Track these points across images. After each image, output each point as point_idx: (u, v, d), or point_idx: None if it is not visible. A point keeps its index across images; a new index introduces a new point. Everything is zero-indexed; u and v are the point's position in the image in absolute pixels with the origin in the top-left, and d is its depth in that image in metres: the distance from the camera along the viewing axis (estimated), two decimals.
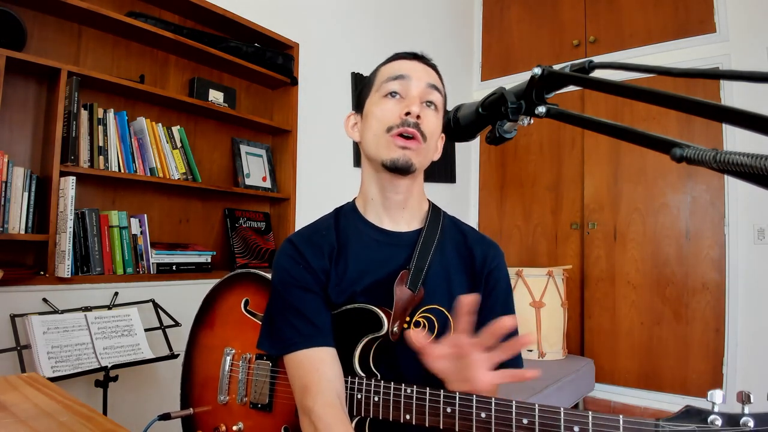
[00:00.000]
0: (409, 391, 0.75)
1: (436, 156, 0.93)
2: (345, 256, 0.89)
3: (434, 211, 0.94)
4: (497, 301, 0.91)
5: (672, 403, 2.84)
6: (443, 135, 0.91)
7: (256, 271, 1.04)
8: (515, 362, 0.91)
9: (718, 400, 0.55)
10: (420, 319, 0.85)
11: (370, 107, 0.89)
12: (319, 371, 0.79)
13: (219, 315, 1.08)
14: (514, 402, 0.67)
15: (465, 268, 0.90)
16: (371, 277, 0.86)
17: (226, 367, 1.02)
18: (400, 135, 0.83)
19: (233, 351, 1.02)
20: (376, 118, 0.87)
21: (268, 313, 0.89)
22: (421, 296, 0.84)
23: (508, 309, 0.93)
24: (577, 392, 2.72)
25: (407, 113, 0.83)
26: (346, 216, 0.94)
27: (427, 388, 0.74)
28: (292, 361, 0.82)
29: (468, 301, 0.69)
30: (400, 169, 0.83)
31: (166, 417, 1.02)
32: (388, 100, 0.86)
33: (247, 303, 1.03)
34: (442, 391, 0.72)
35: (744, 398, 0.53)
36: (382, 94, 0.87)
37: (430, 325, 0.85)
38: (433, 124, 0.86)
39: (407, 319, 0.85)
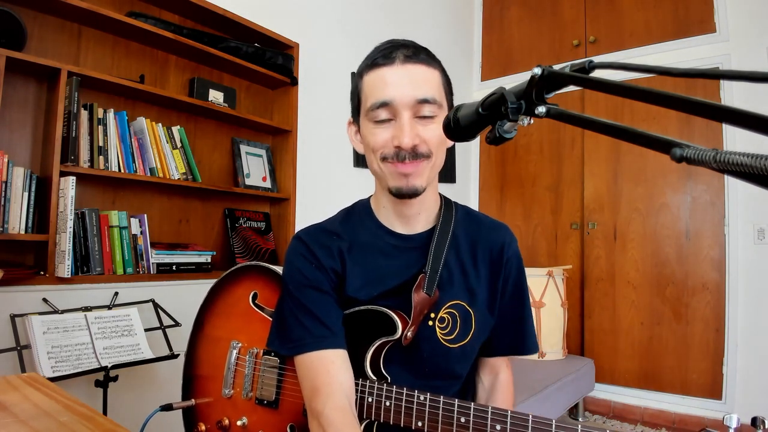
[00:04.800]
0: (422, 398, 0.74)
1: (450, 142, 0.87)
2: (359, 261, 0.87)
3: (446, 207, 0.92)
4: (516, 291, 0.92)
5: (672, 403, 2.84)
6: None
7: (266, 264, 1.03)
8: (521, 348, 0.92)
9: (733, 424, 0.54)
10: (445, 315, 0.86)
11: (363, 130, 0.85)
12: (329, 373, 0.78)
13: (225, 307, 1.07)
14: (530, 416, 0.67)
15: (482, 258, 0.89)
16: (388, 282, 0.85)
17: (232, 361, 1.01)
18: (399, 162, 0.79)
19: (240, 344, 1.01)
20: (370, 147, 0.83)
21: (279, 311, 0.87)
22: (435, 297, 0.84)
23: (525, 298, 0.93)
24: (577, 392, 2.72)
25: (399, 146, 0.78)
26: (360, 217, 0.92)
27: (441, 397, 0.73)
28: (303, 362, 0.81)
29: None
30: (407, 196, 0.82)
31: (167, 408, 1.02)
32: (378, 127, 0.81)
33: (255, 296, 1.02)
34: (456, 400, 0.72)
35: (759, 423, 0.52)
36: (371, 120, 0.81)
37: (453, 320, 0.86)
38: (434, 136, 0.80)
39: (432, 316, 0.85)
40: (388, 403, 0.77)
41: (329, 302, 0.84)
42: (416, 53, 0.81)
